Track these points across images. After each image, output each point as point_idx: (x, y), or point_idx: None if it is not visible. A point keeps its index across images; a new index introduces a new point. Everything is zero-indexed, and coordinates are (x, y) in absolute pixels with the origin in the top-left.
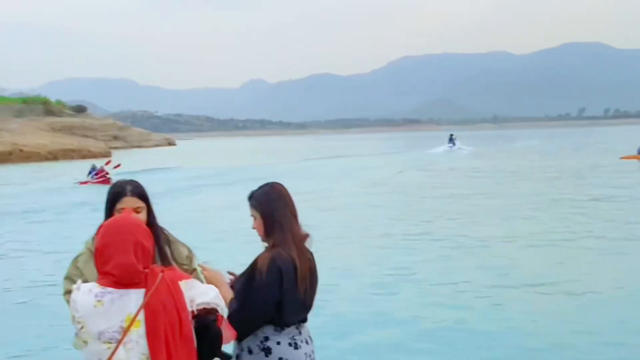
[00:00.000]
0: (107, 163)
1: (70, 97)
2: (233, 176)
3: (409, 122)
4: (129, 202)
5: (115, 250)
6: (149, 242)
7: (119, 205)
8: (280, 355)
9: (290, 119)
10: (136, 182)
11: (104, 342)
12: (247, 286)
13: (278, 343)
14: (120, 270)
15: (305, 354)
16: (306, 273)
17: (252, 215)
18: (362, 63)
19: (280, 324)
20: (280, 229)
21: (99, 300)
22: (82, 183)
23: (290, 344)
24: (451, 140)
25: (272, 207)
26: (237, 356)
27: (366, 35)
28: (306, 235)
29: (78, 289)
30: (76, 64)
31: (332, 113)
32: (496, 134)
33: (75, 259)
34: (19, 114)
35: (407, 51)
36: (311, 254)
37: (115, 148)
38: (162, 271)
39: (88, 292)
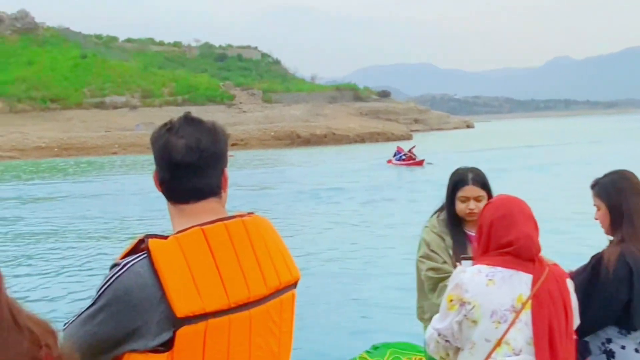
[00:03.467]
0: (413, 148)
1: (375, 84)
2: (541, 160)
3: None
4: (470, 190)
5: (516, 220)
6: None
7: (460, 194)
8: None
9: (599, 98)
10: (478, 169)
11: (494, 322)
12: (590, 282)
13: (622, 347)
14: (524, 239)
15: None
16: None
17: (595, 205)
18: None
19: (627, 327)
20: (629, 223)
21: (490, 279)
22: (389, 162)
23: (637, 350)
24: None
25: (621, 197)
26: None
27: None
28: None
29: (464, 271)
30: (380, 52)
31: None
32: None
33: (427, 243)
34: (332, 100)
35: None
36: None
37: (416, 131)
38: (548, 265)
39: (477, 272)
